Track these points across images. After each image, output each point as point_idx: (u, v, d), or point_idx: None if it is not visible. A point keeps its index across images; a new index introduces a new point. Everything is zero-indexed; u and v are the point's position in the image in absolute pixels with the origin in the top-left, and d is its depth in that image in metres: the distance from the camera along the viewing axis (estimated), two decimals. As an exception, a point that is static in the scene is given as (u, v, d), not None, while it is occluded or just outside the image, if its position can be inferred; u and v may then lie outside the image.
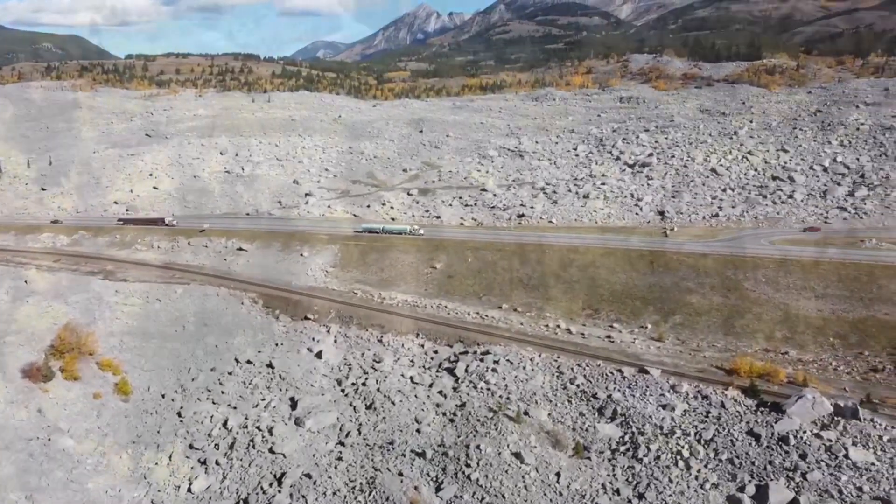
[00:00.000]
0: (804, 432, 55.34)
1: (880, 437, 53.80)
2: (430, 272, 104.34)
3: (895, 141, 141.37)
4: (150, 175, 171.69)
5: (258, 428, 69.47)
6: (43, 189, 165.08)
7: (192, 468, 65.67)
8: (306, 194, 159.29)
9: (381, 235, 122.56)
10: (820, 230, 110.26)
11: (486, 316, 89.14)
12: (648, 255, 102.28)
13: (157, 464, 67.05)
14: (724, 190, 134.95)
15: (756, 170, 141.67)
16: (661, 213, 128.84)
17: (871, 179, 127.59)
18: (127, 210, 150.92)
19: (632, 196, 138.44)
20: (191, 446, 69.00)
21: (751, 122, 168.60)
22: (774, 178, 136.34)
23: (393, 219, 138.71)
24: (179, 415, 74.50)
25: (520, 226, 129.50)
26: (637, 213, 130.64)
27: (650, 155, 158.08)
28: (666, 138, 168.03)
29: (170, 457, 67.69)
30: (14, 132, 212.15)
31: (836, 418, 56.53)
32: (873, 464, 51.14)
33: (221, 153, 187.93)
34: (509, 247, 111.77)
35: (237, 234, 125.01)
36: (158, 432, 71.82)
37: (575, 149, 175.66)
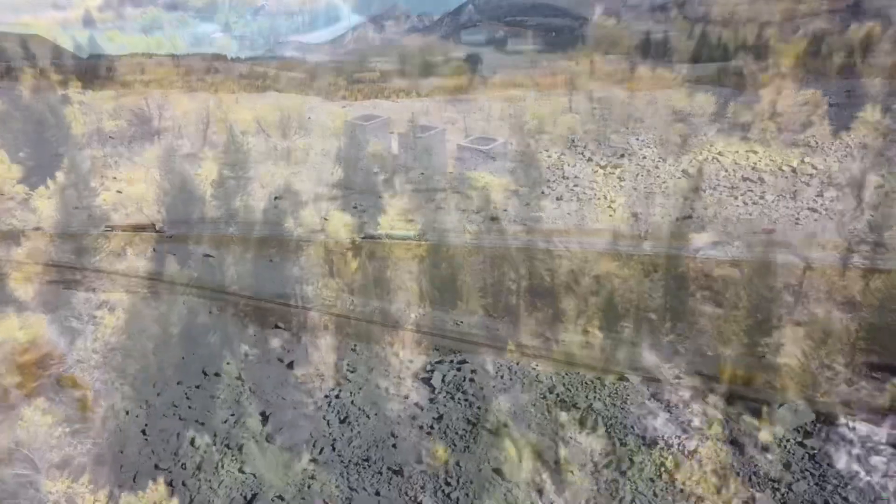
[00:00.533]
0: (787, 440, 54.81)
1: (863, 444, 53.45)
2: (406, 277, 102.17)
3: (860, 142, 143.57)
4: (115, 178, 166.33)
5: (227, 446, 66.66)
6: (1, 193, 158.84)
7: (157, 490, 62.57)
8: (276, 198, 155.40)
9: (379, 241, 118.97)
10: (774, 231, 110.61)
11: (462, 323, 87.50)
12: (626, 258, 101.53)
13: (120, 486, 63.83)
14: (695, 191, 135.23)
15: (727, 171, 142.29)
16: (635, 215, 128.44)
17: (839, 180, 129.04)
18: (89, 216, 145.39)
19: (605, 198, 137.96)
20: (156, 466, 65.86)
21: (720, 123, 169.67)
22: (745, 179, 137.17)
23: (365, 222, 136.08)
24: (144, 433, 71.15)
25: (496, 230, 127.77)
26: (611, 216, 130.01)
27: (622, 156, 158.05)
28: (637, 139, 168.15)
29: (134, 479, 64.51)
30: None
31: (817, 425, 56.15)
32: (857, 472, 50.70)
33: (189, 156, 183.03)
34: (487, 251, 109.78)
35: (205, 240, 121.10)
36: (122, 452, 68.47)
37: (547, 150, 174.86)
